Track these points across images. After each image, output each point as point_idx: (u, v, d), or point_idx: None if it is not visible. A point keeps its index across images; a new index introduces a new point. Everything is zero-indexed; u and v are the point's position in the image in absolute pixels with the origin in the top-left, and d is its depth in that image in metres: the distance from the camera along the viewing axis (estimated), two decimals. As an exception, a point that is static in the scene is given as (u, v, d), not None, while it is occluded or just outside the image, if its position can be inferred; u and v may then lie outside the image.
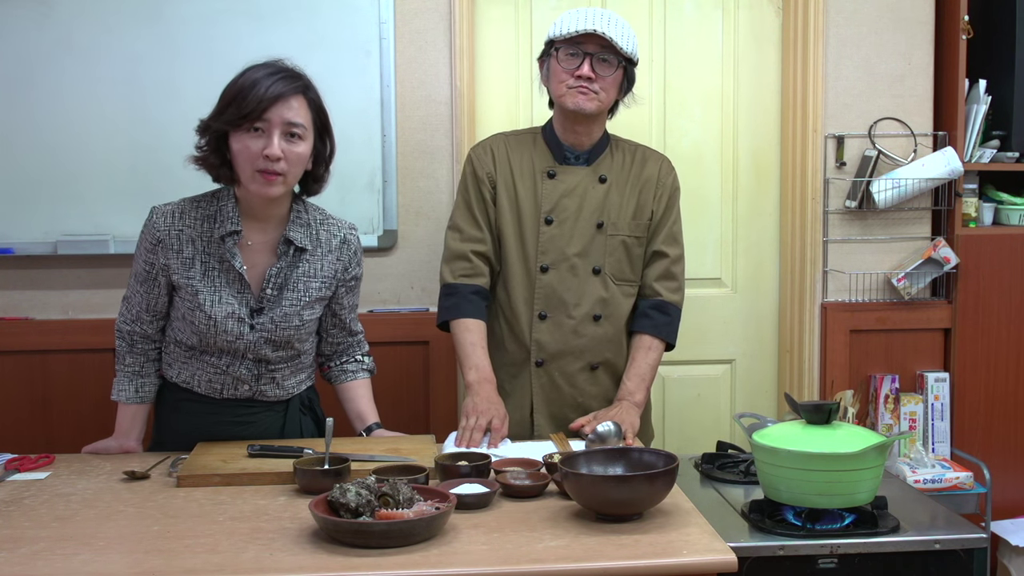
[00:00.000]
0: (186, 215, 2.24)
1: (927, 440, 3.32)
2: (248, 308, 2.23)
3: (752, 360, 3.49)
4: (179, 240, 2.22)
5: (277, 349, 2.28)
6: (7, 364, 3.10)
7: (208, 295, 2.21)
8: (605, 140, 2.62)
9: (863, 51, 3.30)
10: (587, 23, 2.42)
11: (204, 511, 1.92)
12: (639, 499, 1.84)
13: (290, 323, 2.26)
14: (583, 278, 2.55)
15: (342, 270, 2.34)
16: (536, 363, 2.57)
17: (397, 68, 3.16)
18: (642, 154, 2.64)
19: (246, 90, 2.12)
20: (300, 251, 2.27)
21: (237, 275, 2.22)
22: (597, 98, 2.48)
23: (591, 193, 2.56)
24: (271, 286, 2.24)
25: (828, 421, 1.96)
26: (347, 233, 2.36)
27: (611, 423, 2.36)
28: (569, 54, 2.46)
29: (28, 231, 3.09)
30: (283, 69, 2.19)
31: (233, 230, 2.21)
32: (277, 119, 2.13)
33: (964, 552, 1.90)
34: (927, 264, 3.29)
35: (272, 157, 2.13)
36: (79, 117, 3.06)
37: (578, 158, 2.58)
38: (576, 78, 2.45)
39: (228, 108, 2.13)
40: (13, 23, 3.04)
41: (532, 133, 2.65)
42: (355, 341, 2.49)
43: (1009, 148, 3.33)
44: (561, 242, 2.55)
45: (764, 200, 3.45)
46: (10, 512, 1.93)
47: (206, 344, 2.25)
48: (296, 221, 2.27)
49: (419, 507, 1.77)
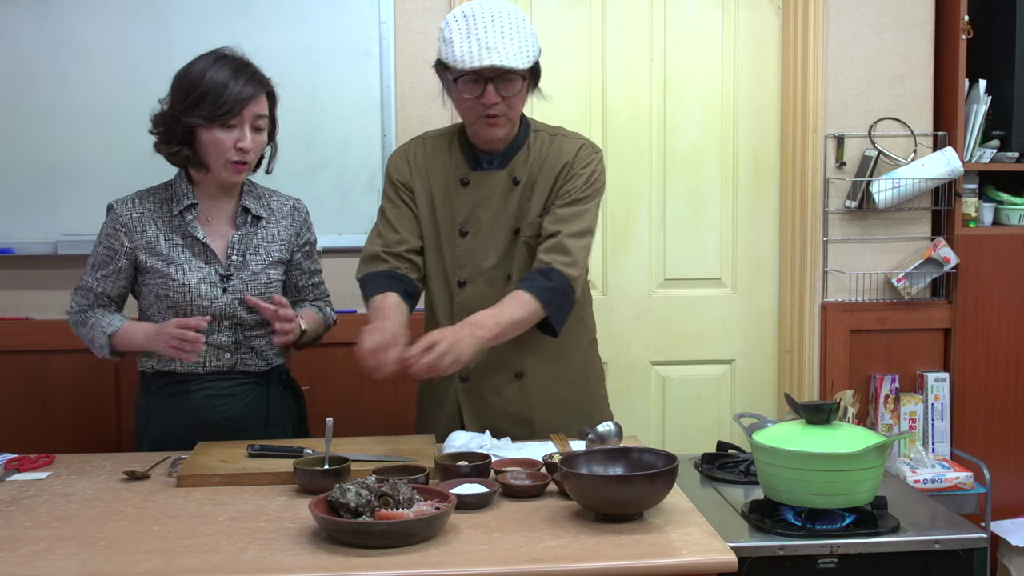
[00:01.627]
0: (144, 200, 2.39)
1: (927, 440, 3.32)
2: (218, 274, 2.36)
3: (752, 360, 3.49)
4: (142, 222, 2.35)
5: (252, 311, 2.37)
6: (7, 364, 3.10)
7: (178, 267, 2.34)
8: (523, 134, 2.42)
9: (863, 51, 3.30)
10: (482, 57, 2.22)
11: (204, 511, 1.92)
12: (639, 499, 1.84)
13: (259, 281, 2.39)
14: (500, 289, 2.38)
15: (295, 235, 2.47)
16: (461, 379, 2.45)
17: (397, 68, 3.16)
18: (559, 142, 2.42)
19: (218, 89, 2.25)
20: (256, 219, 2.42)
21: (202, 246, 2.35)
22: (509, 120, 2.32)
23: (505, 199, 2.39)
24: (235, 252, 2.37)
25: (828, 421, 1.95)
26: (295, 202, 2.51)
27: (611, 423, 2.35)
28: (470, 82, 2.27)
29: (28, 231, 3.09)
30: (245, 65, 2.32)
31: (190, 203, 2.36)
32: (248, 115, 2.29)
33: (964, 552, 1.90)
34: (927, 264, 3.29)
35: (245, 150, 2.30)
36: (79, 117, 3.07)
37: (492, 162, 2.41)
38: (483, 105, 2.28)
39: (200, 105, 2.26)
40: (13, 23, 3.04)
41: (450, 135, 2.47)
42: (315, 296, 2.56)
43: (1009, 148, 3.33)
44: (476, 255, 2.39)
45: (764, 200, 3.45)
46: (10, 512, 1.93)
47: (183, 316, 2.32)
48: (249, 193, 2.43)
49: (419, 507, 1.77)
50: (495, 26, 2.25)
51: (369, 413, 3.20)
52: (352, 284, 3.20)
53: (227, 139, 2.28)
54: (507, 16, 2.27)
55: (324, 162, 3.17)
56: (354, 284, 3.23)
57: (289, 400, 2.53)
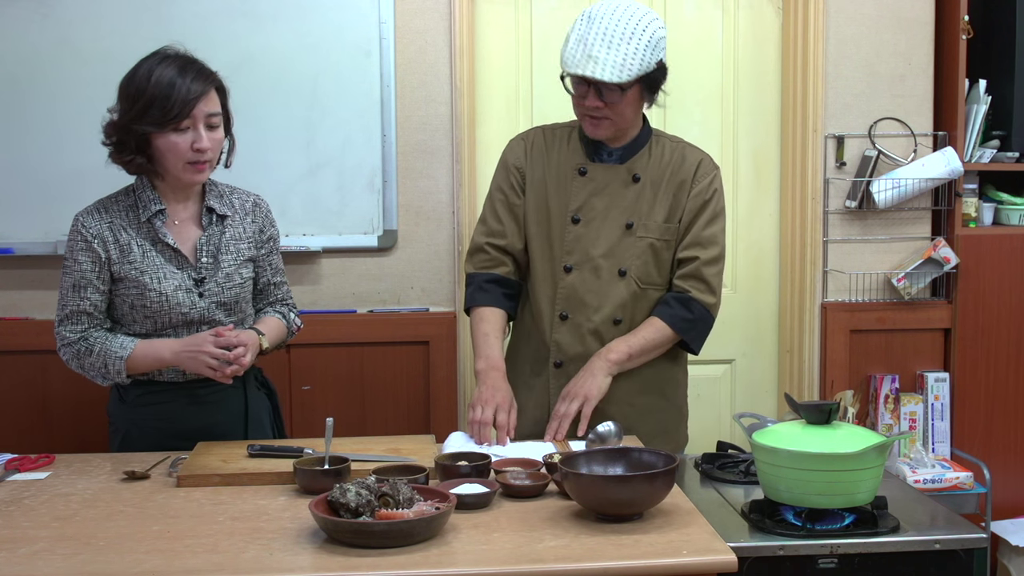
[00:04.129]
0: (109, 210, 2.33)
1: (927, 440, 3.32)
2: (192, 279, 2.32)
3: (752, 360, 3.49)
4: (111, 231, 2.30)
5: (230, 313, 2.36)
6: (7, 364, 3.10)
7: (152, 274, 2.29)
8: (645, 135, 2.52)
9: (863, 51, 3.30)
10: (581, 65, 2.31)
11: (204, 511, 1.92)
12: (639, 499, 1.84)
13: (232, 282, 2.36)
14: (607, 280, 2.47)
15: (258, 231, 2.43)
16: (555, 364, 2.51)
17: (397, 68, 3.16)
18: (681, 151, 2.52)
19: (165, 91, 2.20)
20: (221, 218, 2.38)
21: (172, 251, 2.31)
22: (612, 124, 2.40)
23: (622, 192, 2.47)
24: (205, 254, 2.34)
25: (828, 421, 1.95)
26: (256, 198, 2.47)
27: (611, 423, 2.35)
28: (576, 83, 2.38)
29: (28, 231, 3.09)
30: (190, 63, 2.27)
31: (158, 209, 2.31)
32: (200, 114, 2.24)
33: (964, 552, 1.90)
34: (927, 264, 3.29)
35: (203, 150, 2.25)
36: (79, 117, 3.06)
37: (611, 155, 2.49)
38: (584, 106, 2.38)
39: (149, 110, 2.21)
40: (13, 23, 3.04)
41: (570, 127, 2.55)
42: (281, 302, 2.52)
43: (1009, 148, 3.33)
44: (586, 242, 2.47)
45: (764, 200, 3.45)
46: (10, 512, 1.93)
47: (161, 324, 2.31)
48: (211, 192, 2.39)
49: (419, 507, 1.77)
50: (606, 35, 2.32)
51: (369, 413, 3.20)
52: (353, 284, 3.23)
53: (182, 141, 2.23)
54: (624, 25, 2.33)
55: (324, 162, 3.17)
56: (355, 284, 3.25)
57: (264, 399, 2.51)
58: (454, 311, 3.21)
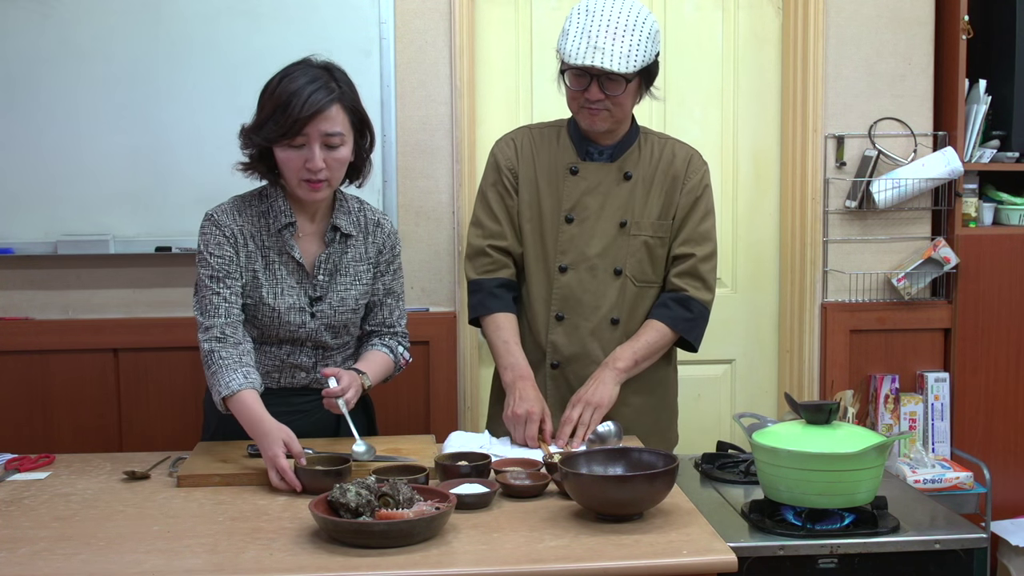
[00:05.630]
0: (243, 212, 2.28)
1: (927, 440, 3.32)
2: (308, 297, 2.28)
3: (752, 360, 3.49)
4: (243, 235, 2.26)
5: (336, 335, 2.33)
6: (7, 364, 3.10)
7: (270, 288, 2.26)
8: (633, 133, 2.52)
9: (863, 51, 3.30)
10: (588, 56, 2.32)
11: (204, 511, 1.92)
12: (639, 499, 1.84)
13: (347, 307, 2.32)
14: (602, 279, 2.48)
15: (376, 252, 2.37)
16: (551, 365, 2.51)
17: (397, 68, 3.16)
18: (671, 148, 2.53)
19: (283, 105, 2.13)
20: (346, 237, 2.32)
21: (296, 265, 2.27)
22: (610, 116, 2.41)
23: (615, 191, 2.47)
24: (322, 272, 2.29)
25: (828, 421, 1.96)
26: (380, 217, 2.41)
27: (611, 423, 2.35)
28: (576, 75, 2.38)
29: (28, 231, 3.09)
30: (318, 77, 2.17)
31: (289, 222, 2.26)
32: (315, 132, 2.15)
33: (964, 552, 1.90)
34: (927, 264, 3.29)
35: (314, 169, 2.17)
36: (79, 117, 3.06)
37: (602, 153, 2.49)
38: (585, 99, 2.38)
39: (268, 123, 2.15)
40: (13, 23, 3.03)
41: (557, 127, 2.56)
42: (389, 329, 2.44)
43: (1009, 148, 3.33)
44: (581, 242, 2.47)
45: (764, 200, 3.45)
46: (10, 512, 1.93)
47: (267, 336, 2.29)
48: (340, 209, 2.32)
49: (419, 507, 1.77)
50: (609, 26, 2.34)
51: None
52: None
53: (296, 157, 2.16)
54: (626, 17, 2.35)
55: (324, 162, 3.16)
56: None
57: (359, 411, 2.36)
58: (454, 311, 3.21)
